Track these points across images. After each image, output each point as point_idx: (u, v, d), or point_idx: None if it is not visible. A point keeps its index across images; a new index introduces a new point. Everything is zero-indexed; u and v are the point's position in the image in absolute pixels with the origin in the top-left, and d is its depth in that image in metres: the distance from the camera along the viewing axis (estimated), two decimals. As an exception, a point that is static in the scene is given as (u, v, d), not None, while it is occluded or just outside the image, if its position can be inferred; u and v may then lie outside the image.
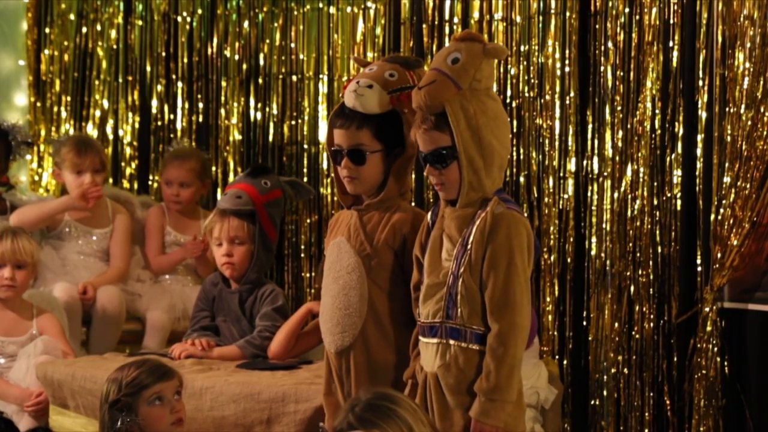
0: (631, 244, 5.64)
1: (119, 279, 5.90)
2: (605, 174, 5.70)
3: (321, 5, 6.36)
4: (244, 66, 6.52)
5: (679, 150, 5.54)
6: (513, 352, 3.68)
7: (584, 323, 5.76)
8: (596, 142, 5.74)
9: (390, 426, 3.25)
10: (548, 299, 5.80)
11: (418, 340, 3.91)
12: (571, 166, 5.79)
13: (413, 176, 4.96)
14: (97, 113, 6.84)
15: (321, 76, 6.38)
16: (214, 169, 6.51)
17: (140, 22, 6.73)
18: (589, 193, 5.75)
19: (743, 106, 5.29)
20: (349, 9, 6.30)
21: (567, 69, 5.77)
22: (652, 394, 5.62)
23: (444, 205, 3.86)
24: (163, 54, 6.68)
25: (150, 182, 6.71)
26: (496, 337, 3.68)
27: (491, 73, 3.80)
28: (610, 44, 5.69)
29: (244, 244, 5.20)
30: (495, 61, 3.83)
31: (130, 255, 6.02)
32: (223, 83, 6.57)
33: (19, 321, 5.37)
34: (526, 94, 5.85)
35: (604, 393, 5.71)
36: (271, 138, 6.48)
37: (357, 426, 3.23)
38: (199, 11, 6.61)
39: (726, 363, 5.40)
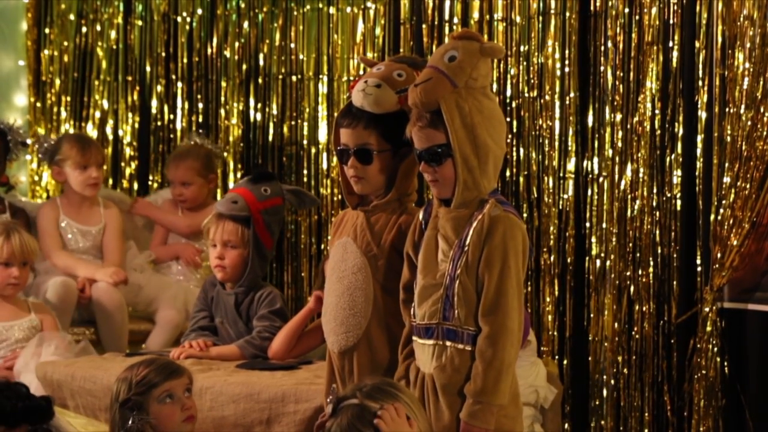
0: (631, 244, 5.64)
1: None
2: (605, 174, 5.70)
3: (321, 5, 6.36)
4: (244, 66, 6.52)
5: (679, 150, 5.54)
6: (501, 356, 3.66)
7: (584, 323, 5.76)
8: (596, 142, 5.75)
9: (393, 404, 3.36)
10: (548, 299, 5.80)
11: (408, 341, 3.90)
12: (571, 166, 5.79)
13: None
14: (97, 113, 6.84)
15: (321, 76, 6.38)
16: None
17: (140, 23, 6.73)
18: (588, 194, 5.75)
19: (743, 107, 5.29)
20: (348, 9, 6.30)
21: (567, 69, 5.78)
22: (652, 394, 5.62)
23: (437, 204, 3.85)
24: (163, 54, 6.68)
25: (150, 182, 6.71)
26: (486, 339, 3.68)
27: (488, 72, 3.80)
28: (610, 44, 5.69)
29: (237, 248, 5.18)
30: (492, 60, 3.82)
31: (124, 249, 6.04)
32: (223, 83, 6.57)
33: (16, 312, 5.42)
34: (526, 95, 5.85)
35: (604, 393, 5.71)
36: (270, 138, 6.48)
37: (361, 398, 3.35)
38: (199, 11, 6.61)
39: (726, 363, 5.40)
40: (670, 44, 5.55)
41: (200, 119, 6.62)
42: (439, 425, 3.75)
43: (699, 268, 5.49)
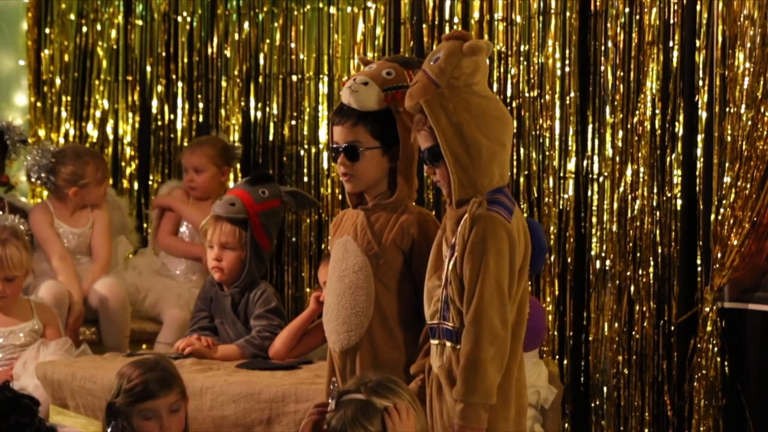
0: (631, 244, 5.64)
1: (104, 271, 5.93)
2: (605, 174, 5.70)
3: (321, 5, 6.36)
4: (244, 66, 6.52)
5: (679, 150, 5.54)
6: (476, 354, 3.63)
7: (584, 323, 5.76)
8: (596, 142, 5.75)
9: (395, 401, 3.41)
10: (548, 299, 5.80)
11: (426, 338, 3.91)
12: (571, 166, 5.79)
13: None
14: (97, 113, 6.84)
15: (321, 76, 6.38)
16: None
17: (140, 22, 6.73)
18: (589, 193, 5.75)
19: (743, 106, 5.29)
20: (349, 9, 6.30)
21: (567, 69, 5.78)
22: (652, 394, 5.62)
23: (448, 204, 3.87)
24: (163, 54, 6.68)
25: (150, 182, 6.71)
26: (463, 338, 3.67)
27: (475, 69, 3.78)
28: (610, 44, 5.69)
29: (234, 250, 5.19)
30: (482, 58, 3.80)
31: (111, 247, 6.04)
32: (223, 83, 6.57)
33: (18, 316, 5.42)
34: (526, 94, 5.85)
35: (604, 393, 5.72)
36: (271, 138, 6.48)
37: (366, 394, 3.40)
38: (199, 11, 6.61)
39: (726, 363, 5.40)
40: (671, 44, 5.55)
41: (200, 119, 6.62)
42: (445, 422, 3.76)
43: (699, 268, 5.49)
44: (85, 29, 6.84)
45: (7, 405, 3.38)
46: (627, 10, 5.63)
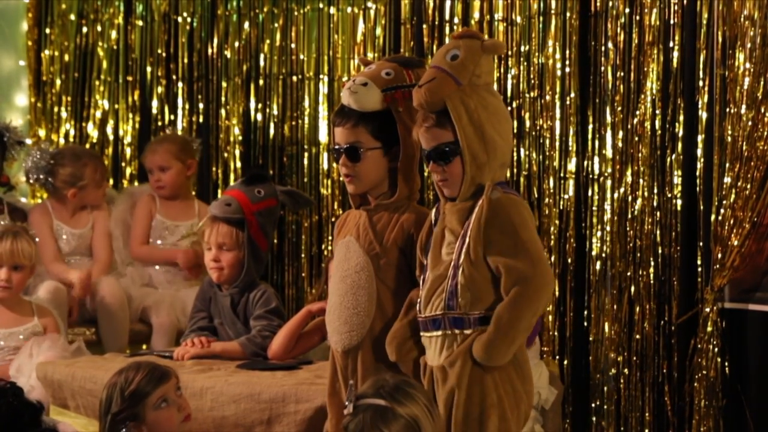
0: (631, 245, 5.64)
1: (104, 271, 5.93)
2: (606, 174, 5.71)
3: (321, 6, 6.36)
4: (245, 66, 6.52)
5: (680, 150, 5.54)
6: (516, 323, 3.66)
7: (584, 323, 5.77)
8: (596, 142, 5.75)
9: (412, 406, 3.42)
10: (548, 299, 5.80)
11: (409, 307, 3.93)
12: (572, 166, 5.79)
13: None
14: (98, 114, 6.84)
15: (321, 76, 6.38)
16: (214, 169, 6.51)
17: (140, 23, 6.73)
18: (589, 194, 5.75)
19: (744, 107, 5.29)
20: (349, 9, 6.30)
21: (567, 69, 5.78)
22: (652, 394, 5.62)
23: (444, 202, 3.88)
24: (164, 54, 6.69)
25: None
26: (506, 305, 3.67)
27: (490, 69, 3.82)
28: (610, 45, 5.69)
29: (231, 250, 5.19)
30: (494, 58, 3.84)
31: (111, 248, 6.03)
32: (224, 84, 6.57)
33: (18, 318, 5.40)
34: (527, 95, 5.85)
35: (604, 393, 5.72)
36: (271, 138, 6.49)
37: (384, 399, 3.42)
38: (200, 12, 6.61)
39: (726, 363, 5.40)
40: (671, 44, 5.55)
41: (201, 119, 6.62)
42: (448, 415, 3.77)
43: (699, 269, 5.49)
44: (85, 30, 6.84)
45: (8, 415, 3.38)
46: (627, 10, 5.63)
